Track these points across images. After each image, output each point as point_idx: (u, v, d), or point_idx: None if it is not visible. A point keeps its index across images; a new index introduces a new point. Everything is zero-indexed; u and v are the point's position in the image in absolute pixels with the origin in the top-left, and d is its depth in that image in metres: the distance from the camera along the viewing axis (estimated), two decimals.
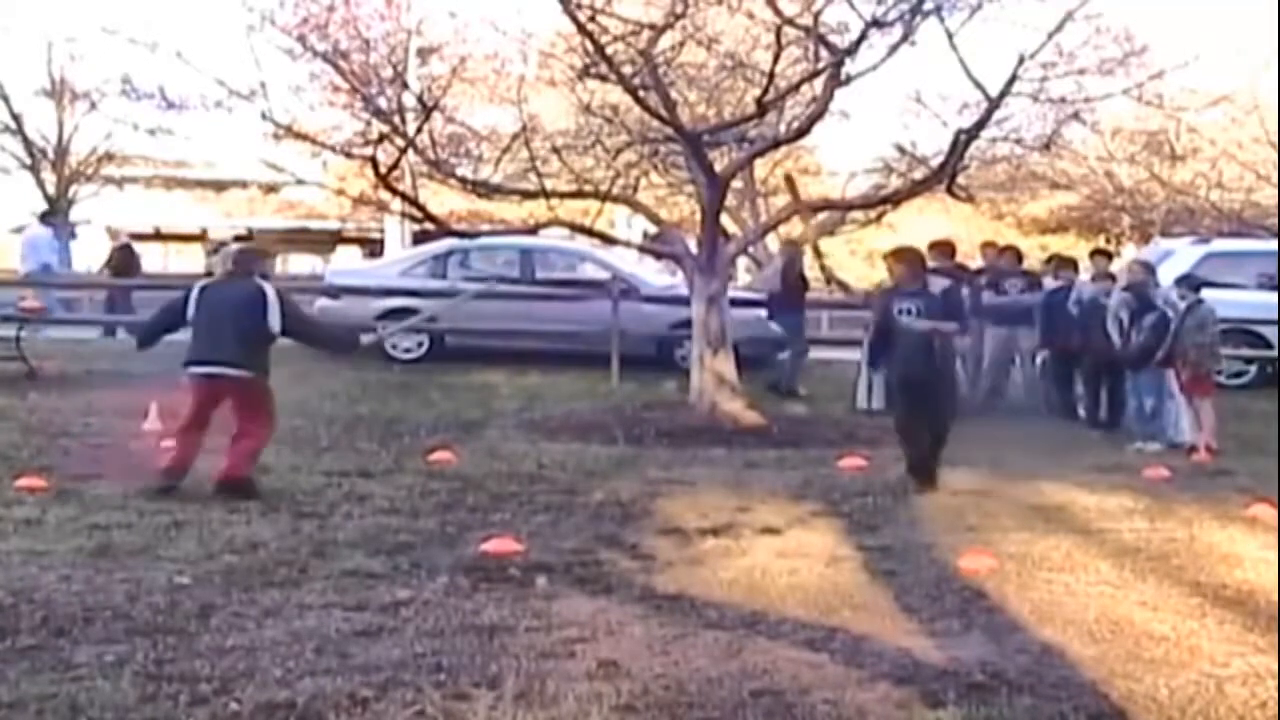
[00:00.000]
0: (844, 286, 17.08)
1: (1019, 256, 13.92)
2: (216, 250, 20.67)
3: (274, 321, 7.58)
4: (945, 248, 14.24)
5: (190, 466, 7.70)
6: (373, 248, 34.03)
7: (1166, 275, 12.16)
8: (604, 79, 11.73)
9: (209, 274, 20.51)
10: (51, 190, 27.19)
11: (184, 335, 7.93)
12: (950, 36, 10.41)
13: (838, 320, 18.27)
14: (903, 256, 8.84)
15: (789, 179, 16.22)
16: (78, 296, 20.30)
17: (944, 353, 8.51)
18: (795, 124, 12.94)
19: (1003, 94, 10.81)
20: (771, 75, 10.73)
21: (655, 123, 11.90)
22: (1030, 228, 32.03)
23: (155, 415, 10.30)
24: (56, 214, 26.12)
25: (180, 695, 4.39)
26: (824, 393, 13.25)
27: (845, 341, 14.91)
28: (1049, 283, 13.00)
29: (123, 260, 19.76)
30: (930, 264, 13.95)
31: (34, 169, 27.21)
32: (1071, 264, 13.22)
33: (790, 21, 10.80)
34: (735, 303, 12.45)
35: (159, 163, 31.72)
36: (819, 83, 11.33)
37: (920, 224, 26.75)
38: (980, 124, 11.26)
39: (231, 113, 24.43)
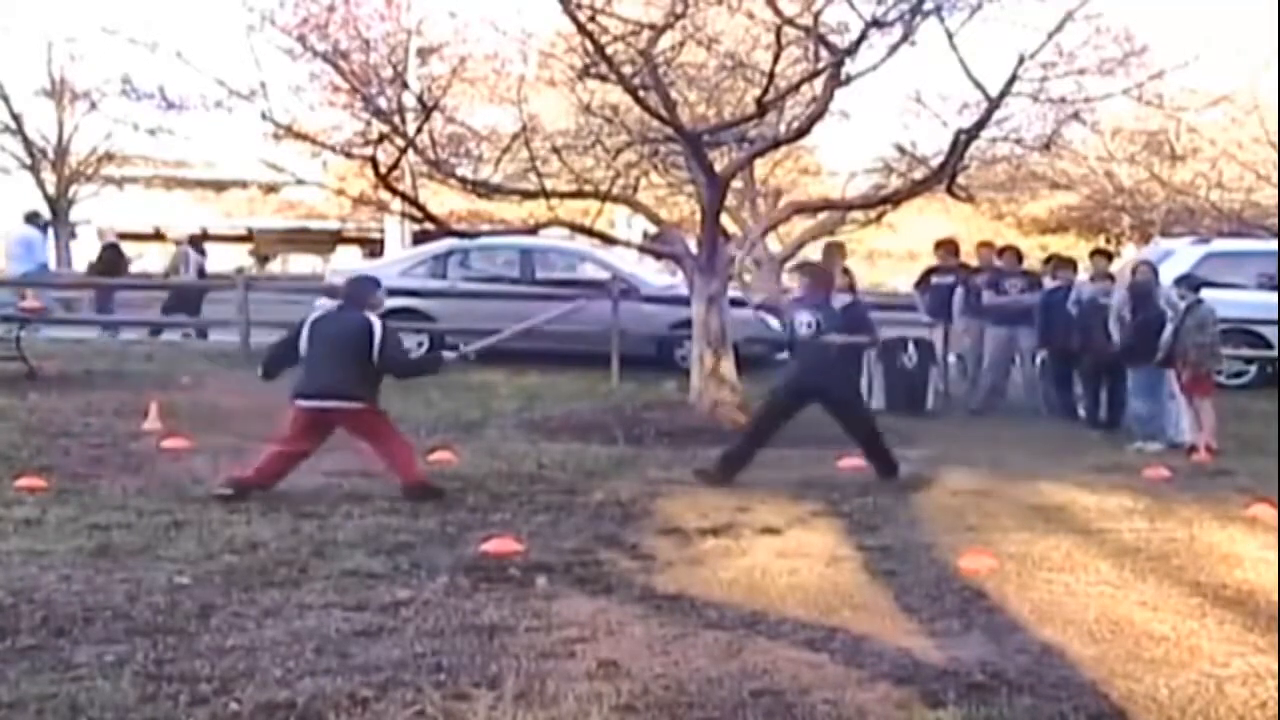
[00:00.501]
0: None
1: (1019, 256, 13.92)
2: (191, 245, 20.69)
3: (376, 355, 7.68)
4: (950, 246, 14.29)
5: (270, 485, 7.68)
6: (373, 248, 34.06)
7: (1166, 275, 12.15)
8: (604, 79, 11.71)
9: (168, 274, 20.52)
10: (51, 190, 27.22)
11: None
12: (950, 36, 10.40)
13: None
14: (806, 271, 9.14)
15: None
16: (78, 296, 20.30)
17: (846, 364, 8.71)
18: (795, 124, 12.91)
19: (1003, 94, 10.80)
20: (771, 75, 10.72)
21: (655, 123, 11.87)
22: (1030, 228, 32.01)
23: (155, 415, 10.32)
24: (56, 214, 26.17)
25: (180, 695, 4.40)
26: None
27: None
28: (1048, 283, 13.01)
29: (109, 261, 19.77)
30: (936, 261, 14.09)
31: (34, 169, 27.23)
32: (1070, 264, 13.23)
33: (790, 21, 10.79)
34: (735, 303, 12.44)
35: (159, 163, 31.75)
36: (819, 83, 11.31)
37: (920, 224, 26.75)
38: (980, 124, 11.25)
39: (231, 113, 24.47)
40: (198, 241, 22.50)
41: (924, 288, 14.01)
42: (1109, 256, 13.93)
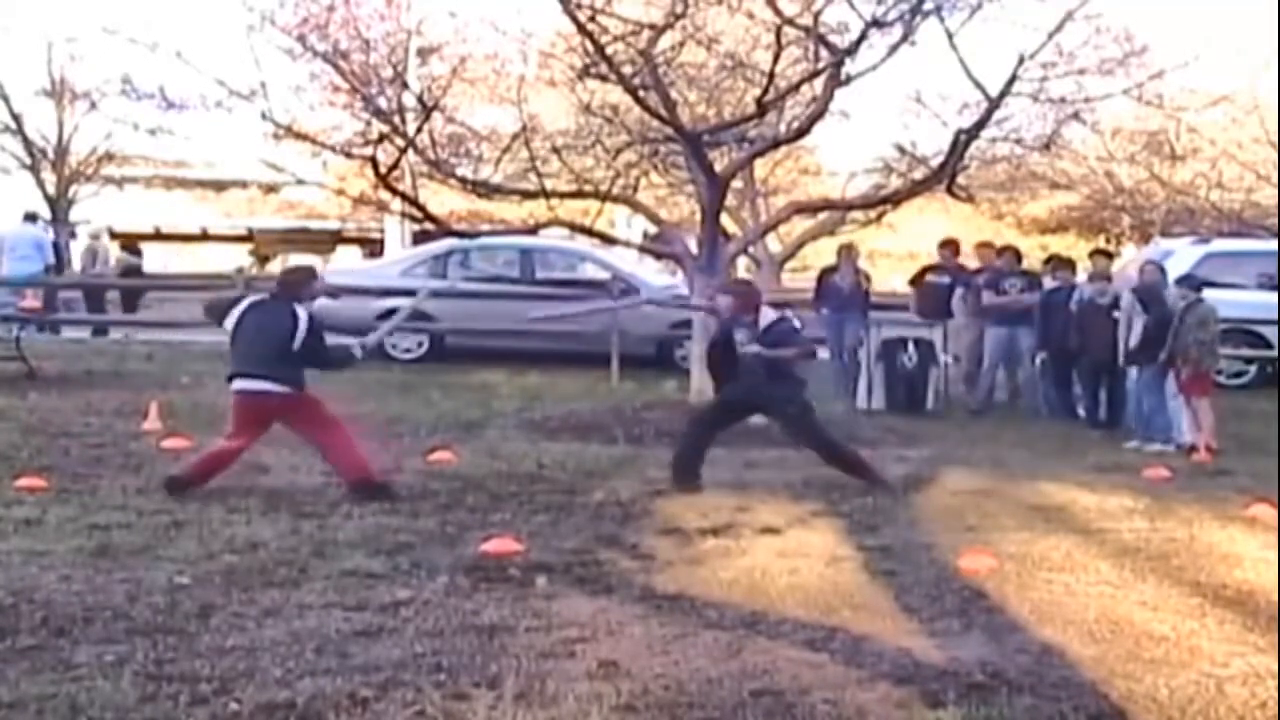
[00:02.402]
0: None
1: (1018, 256, 13.92)
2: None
3: (297, 343, 7.60)
4: (953, 246, 14.29)
5: (209, 479, 7.68)
6: (373, 248, 34.03)
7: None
8: (604, 79, 11.72)
9: (84, 269, 20.39)
10: (51, 190, 27.21)
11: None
12: (950, 36, 10.42)
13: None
14: (732, 289, 9.08)
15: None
16: (76, 296, 20.31)
17: (785, 379, 8.46)
18: (795, 124, 12.93)
19: (1003, 94, 10.81)
20: (771, 75, 10.73)
21: (655, 123, 11.89)
22: (1030, 228, 32.01)
23: (155, 415, 10.32)
24: (56, 214, 26.15)
25: (180, 695, 4.40)
26: (824, 393, 13.20)
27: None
28: (1048, 283, 13.01)
29: None
30: (937, 260, 14.07)
31: (34, 169, 27.22)
32: (1069, 264, 13.22)
33: (790, 21, 10.80)
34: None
35: (159, 163, 31.72)
36: (819, 83, 11.33)
37: (920, 224, 26.77)
38: (980, 124, 11.26)
39: (231, 113, 24.41)
40: (132, 242, 22.47)
41: (918, 287, 13.98)
42: (1109, 256, 13.92)
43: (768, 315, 8.54)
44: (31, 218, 19.84)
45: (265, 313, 7.84)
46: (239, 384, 7.72)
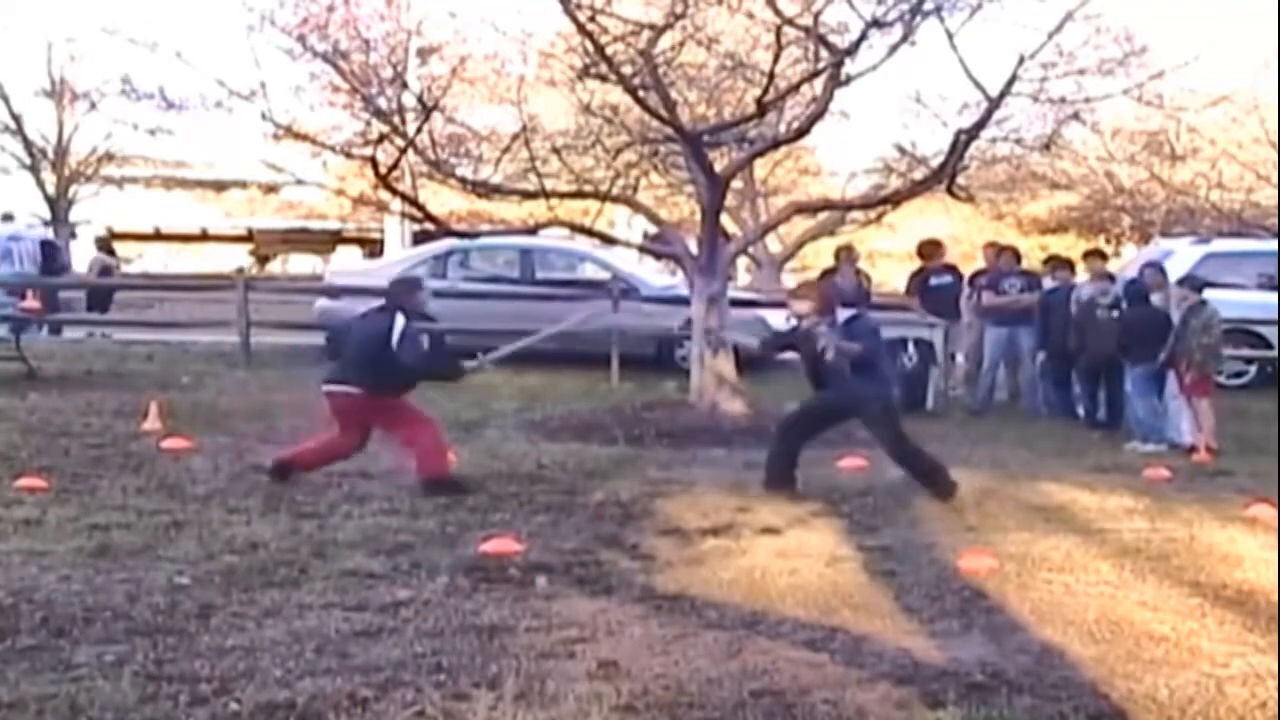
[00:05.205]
0: None
1: (1018, 256, 13.92)
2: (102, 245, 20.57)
3: (394, 346, 7.88)
4: (933, 247, 14.27)
5: (303, 470, 8.10)
6: (373, 248, 34.10)
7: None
8: (604, 79, 11.72)
9: (107, 270, 20.58)
10: (51, 190, 27.24)
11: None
12: (950, 36, 10.41)
13: None
14: (803, 290, 8.81)
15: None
16: (76, 297, 20.31)
17: (864, 381, 8.18)
18: (795, 124, 12.93)
19: (1003, 94, 10.80)
20: (771, 75, 10.72)
21: (655, 123, 11.88)
22: (1030, 228, 32.04)
23: (155, 415, 10.32)
24: (56, 214, 26.17)
25: (180, 695, 4.40)
26: None
27: None
28: (1048, 283, 13.01)
29: None
30: (922, 262, 14.05)
31: (34, 169, 27.25)
32: (1069, 264, 13.23)
33: (790, 21, 10.79)
34: (735, 303, 12.45)
35: (159, 163, 31.80)
36: (819, 83, 11.32)
37: (920, 224, 26.78)
38: (980, 124, 11.26)
39: (231, 113, 24.50)
40: (106, 243, 22.47)
41: (917, 289, 13.92)
42: (1104, 257, 13.92)
43: (845, 313, 8.43)
44: (9, 217, 19.73)
45: (366, 322, 8.26)
46: (326, 386, 8.14)
